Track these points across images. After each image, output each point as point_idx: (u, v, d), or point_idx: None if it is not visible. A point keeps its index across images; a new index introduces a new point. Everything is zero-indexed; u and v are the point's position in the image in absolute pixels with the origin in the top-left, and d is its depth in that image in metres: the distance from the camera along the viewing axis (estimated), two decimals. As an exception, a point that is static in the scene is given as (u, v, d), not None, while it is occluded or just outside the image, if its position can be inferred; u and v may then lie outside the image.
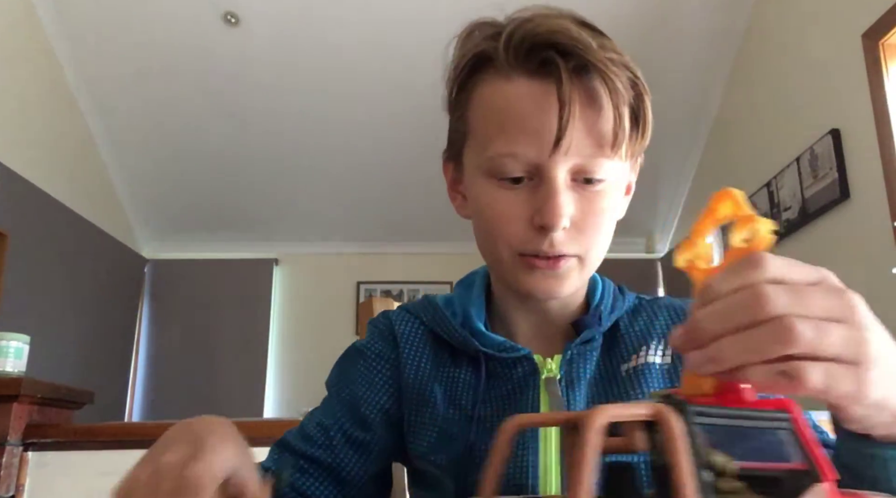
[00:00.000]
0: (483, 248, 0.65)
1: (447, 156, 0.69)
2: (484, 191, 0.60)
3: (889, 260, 2.32)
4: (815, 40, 2.81)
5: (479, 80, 0.61)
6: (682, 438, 0.30)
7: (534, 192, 0.58)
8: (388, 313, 0.75)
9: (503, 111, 0.58)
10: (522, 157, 0.57)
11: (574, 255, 0.60)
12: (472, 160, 0.62)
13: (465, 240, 0.67)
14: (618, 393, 0.65)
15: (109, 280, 3.97)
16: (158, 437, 0.50)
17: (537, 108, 0.56)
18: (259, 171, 4.18)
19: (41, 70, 3.36)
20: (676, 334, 0.36)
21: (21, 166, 3.12)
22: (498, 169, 0.58)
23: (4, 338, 1.66)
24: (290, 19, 3.36)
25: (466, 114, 0.62)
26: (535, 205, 0.57)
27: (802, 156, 2.84)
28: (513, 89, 0.57)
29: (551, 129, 0.55)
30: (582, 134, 0.56)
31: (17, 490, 1.53)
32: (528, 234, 0.58)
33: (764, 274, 0.35)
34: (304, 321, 4.58)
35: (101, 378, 3.76)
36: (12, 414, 1.53)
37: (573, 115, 0.55)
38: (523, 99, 0.57)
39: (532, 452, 0.61)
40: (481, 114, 0.60)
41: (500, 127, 0.58)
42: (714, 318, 0.34)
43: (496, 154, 0.58)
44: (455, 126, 0.65)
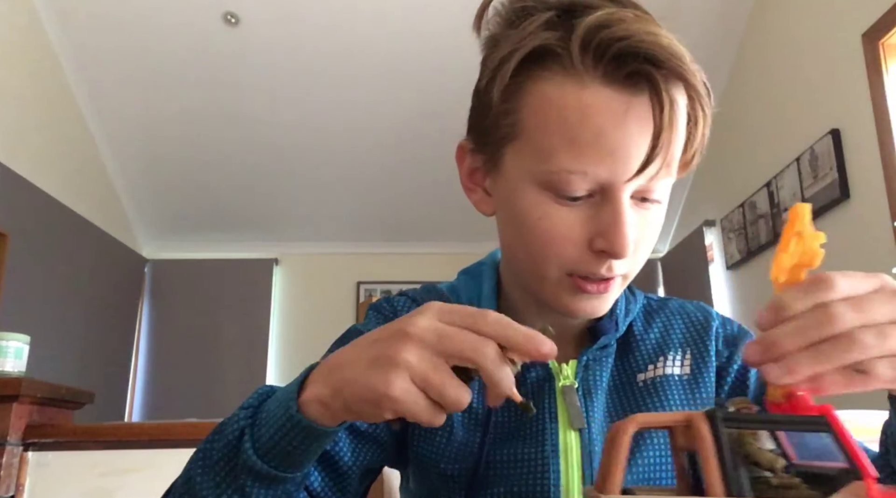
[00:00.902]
0: (520, 257, 0.59)
1: (473, 146, 0.61)
2: (536, 203, 0.54)
3: (889, 260, 2.32)
4: (815, 40, 2.81)
5: (539, 77, 0.52)
6: (710, 443, 0.35)
7: (595, 211, 0.53)
8: (391, 299, 0.70)
9: (576, 122, 0.50)
10: (592, 177, 0.51)
11: (623, 274, 0.57)
12: (522, 165, 0.55)
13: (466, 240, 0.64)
14: (635, 403, 0.62)
15: (109, 280, 3.97)
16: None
17: (618, 124, 0.50)
18: (259, 172, 4.18)
19: (41, 70, 3.36)
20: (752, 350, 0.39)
21: (21, 166, 3.12)
22: (559, 185, 0.52)
23: (4, 338, 1.66)
24: (290, 19, 3.36)
25: (518, 111, 0.54)
26: (597, 227, 0.53)
27: (802, 156, 2.84)
28: (590, 98, 0.50)
29: (630, 149, 0.50)
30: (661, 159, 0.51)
31: (17, 490, 1.53)
32: (585, 257, 0.54)
33: (833, 294, 0.39)
34: (304, 321, 4.58)
35: (101, 378, 3.76)
36: (12, 414, 1.53)
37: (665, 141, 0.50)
38: (602, 112, 0.50)
39: (554, 468, 0.59)
40: (544, 118, 0.52)
41: (570, 139, 0.51)
42: (790, 336, 0.38)
43: (561, 169, 0.51)
44: (496, 120, 0.56)
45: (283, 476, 0.47)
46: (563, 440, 0.60)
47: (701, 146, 0.56)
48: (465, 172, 0.63)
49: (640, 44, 0.49)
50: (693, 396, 0.63)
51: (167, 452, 1.58)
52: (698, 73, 0.52)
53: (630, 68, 0.49)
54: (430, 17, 3.26)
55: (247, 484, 0.47)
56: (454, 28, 3.29)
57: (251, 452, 0.46)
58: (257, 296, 4.53)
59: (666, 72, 0.50)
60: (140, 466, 1.57)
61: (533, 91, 0.53)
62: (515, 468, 0.59)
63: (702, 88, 0.52)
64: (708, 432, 0.36)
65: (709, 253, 3.76)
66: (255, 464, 0.46)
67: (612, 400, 0.63)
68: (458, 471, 0.60)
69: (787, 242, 0.41)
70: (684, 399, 0.63)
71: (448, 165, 0.67)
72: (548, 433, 0.59)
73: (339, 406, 0.44)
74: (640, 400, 0.63)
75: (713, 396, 0.65)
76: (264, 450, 0.46)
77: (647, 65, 0.49)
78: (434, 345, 0.41)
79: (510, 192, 0.57)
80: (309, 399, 0.45)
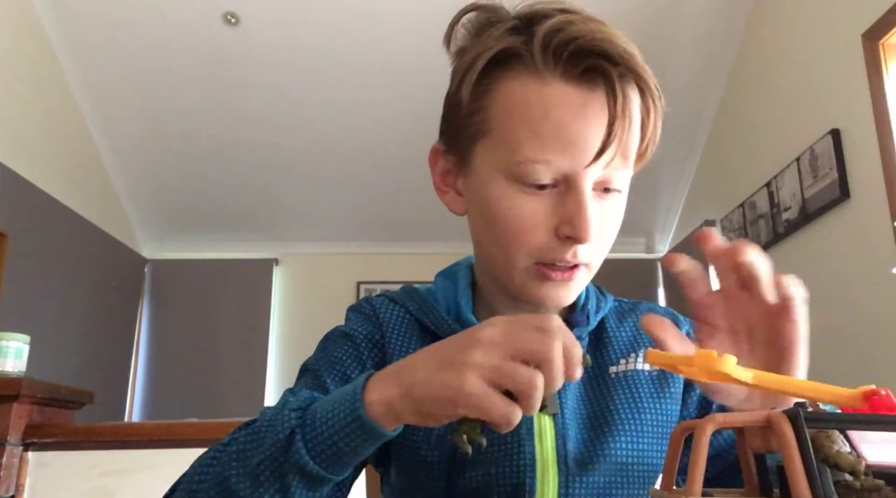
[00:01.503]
0: (490, 250, 0.63)
1: (445, 148, 0.65)
2: (504, 194, 0.58)
3: (889, 260, 2.32)
4: (815, 40, 2.81)
5: (505, 77, 0.57)
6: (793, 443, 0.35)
7: (559, 200, 0.57)
8: (371, 299, 0.73)
9: (538, 116, 0.55)
10: (555, 166, 0.55)
11: (586, 263, 0.60)
12: (491, 160, 0.59)
13: (465, 240, 0.65)
14: (607, 393, 0.66)
15: (109, 280, 3.97)
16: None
17: (576, 116, 0.54)
18: (259, 171, 4.18)
19: (41, 70, 3.36)
20: None
21: (21, 166, 3.12)
22: (525, 174, 0.56)
23: (4, 338, 1.66)
24: (290, 19, 3.36)
25: (486, 109, 0.59)
26: (562, 215, 0.57)
27: (802, 156, 2.84)
28: (550, 94, 0.55)
29: (588, 138, 0.54)
30: (616, 147, 0.56)
31: (17, 490, 1.54)
32: (551, 244, 0.58)
33: None
34: (304, 321, 4.58)
35: (101, 378, 3.76)
36: (12, 414, 1.53)
37: (618, 130, 0.54)
38: (562, 106, 0.55)
39: (529, 449, 0.61)
40: (510, 114, 0.57)
41: (534, 132, 0.55)
42: None
43: (526, 159, 0.56)
44: (466, 120, 0.61)
45: (329, 478, 0.49)
46: (537, 425, 0.62)
47: (653, 138, 0.60)
48: (437, 175, 0.67)
49: (594, 42, 0.54)
50: (661, 393, 0.67)
51: (167, 452, 1.58)
52: (648, 70, 0.56)
53: (585, 65, 0.54)
54: (430, 16, 3.26)
55: (292, 484, 0.48)
56: (454, 28, 3.29)
57: (304, 451, 0.47)
58: (257, 296, 4.53)
59: (619, 67, 0.54)
60: (140, 466, 1.57)
61: (499, 90, 0.58)
62: (492, 452, 0.62)
63: (652, 83, 0.56)
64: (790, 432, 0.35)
65: (709, 253, 3.76)
66: (307, 464, 0.47)
67: (585, 389, 0.66)
68: (437, 457, 0.63)
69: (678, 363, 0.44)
70: (653, 394, 0.67)
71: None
72: (523, 418, 0.61)
73: (407, 407, 0.45)
74: (612, 390, 0.66)
75: (680, 394, 0.69)
76: (318, 450, 0.48)
77: (601, 60, 0.54)
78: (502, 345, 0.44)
79: (480, 187, 0.61)
80: (374, 400, 0.47)
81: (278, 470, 0.48)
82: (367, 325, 0.70)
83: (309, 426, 0.48)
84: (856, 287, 2.52)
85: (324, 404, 0.49)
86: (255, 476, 0.49)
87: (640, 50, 0.57)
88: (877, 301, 2.39)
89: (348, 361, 0.67)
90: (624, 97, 0.54)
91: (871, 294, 2.43)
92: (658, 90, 0.57)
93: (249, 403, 4.27)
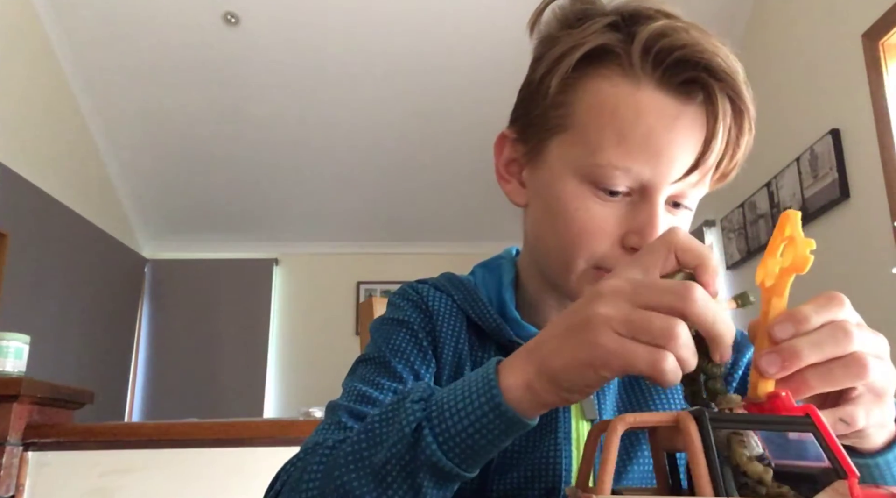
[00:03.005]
0: (549, 246, 0.61)
1: (516, 136, 0.63)
2: (575, 195, 0.56)
3: (889, 260, 2.32)
4: (815, 40, 2.81)
5: (597, 75, 0.55)
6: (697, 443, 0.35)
7: (630, 209, 0.55)
8: (415, 286, 0.69)
9: (628, 121, 0.53)
10: (634, 174, 0.53)
11: None
12: (567, 157, 0.57)
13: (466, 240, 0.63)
14: (643, 399, 0.64)
15: (109, 280, 3.97)
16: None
17: (667, 127, 0.53)
18: (259, 171, 4.18)
19: (41, 70, 3.36)
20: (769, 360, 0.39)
21: (21, 166, 3.13)
22: (602, 179, 0.54)
23: (4, 338, 1.66)
24: (289, 19, 3.36)
25: (569, 105, 0.56)
26: (631, 224, 0.55)
27: (802, 156, 2.84)
28: (644, 100, 0.53)
29: (675, 152, 0.53)
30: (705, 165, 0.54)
31: (17, 490, 1.54)
32: (614, 252, 0.56)
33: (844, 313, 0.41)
34: (304, 321, 4.58)
35: (101, 378, 3.76)
36: (12, 414, 1.53)
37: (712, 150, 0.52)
38: (654, 114, 0.53)
39: (566, 455, 0.59)
40: (596, 114, 0.55)
41: (620, 136, 0.53)
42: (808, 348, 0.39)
43: (608, 163, 0.54)
44: (546, 111, 0.58)
45: (463, 475, 0.45)
46: (575, 429, 0.60)
47: (740, 160, 0.57)
48: (502, 162, 0.65)
49: (700, 54, 0.52)
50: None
51: (167, 452, 1.58)
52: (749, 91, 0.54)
53: (686, 76, 0.52)
54: (430, 16, 3.26)
55: (424, 482, 0.44)
56: (455, 28, 3.29)
57: (435, 446, 0.44)
58: (257, 296, 4.53)
59: (722, 83, 0.52)
60: (140, 466, 1.57)
61: (589, 87, 0.55)
62: (530, 454, 0.60)
63: (751, 105, 0.54)
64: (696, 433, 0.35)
65: (709, 253, 3.76)
66: (440, 460, 0.44)
67: (623, 395, 0.64)
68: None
69: (775, 247, 0.41)
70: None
71: (448, 166, 0.68)
72: (560, 422, 0.60)
73: (545, 384, 0.42)
74: (647, 397, 0.64)
75: None
76: (450, 444, 0.44)
77: (705, 74, 0.52)
78: (630, 294, 0.40)
79: (550, 183, 0.59)
80: (511, 385, 0.43)
81: (406, 468, 0.45)
82: (418, 312, 0.66)
83: (437, 418, 0.44)
84: (856, 287, 2.52)
85: (450, 394, 0.45)
86: (380, 478, 0.45)
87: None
88: (877, 301, 2.39)
89: (409, 348, 0.63)
90: (724, 116, 0.53)
91: (871, 294, 2.43)
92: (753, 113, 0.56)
93: (249, 403, 4.27)
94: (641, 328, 0.38)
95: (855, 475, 0.35)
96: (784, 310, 0.40)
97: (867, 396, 0.41)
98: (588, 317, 0.40)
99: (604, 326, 0.39)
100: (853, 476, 0.35)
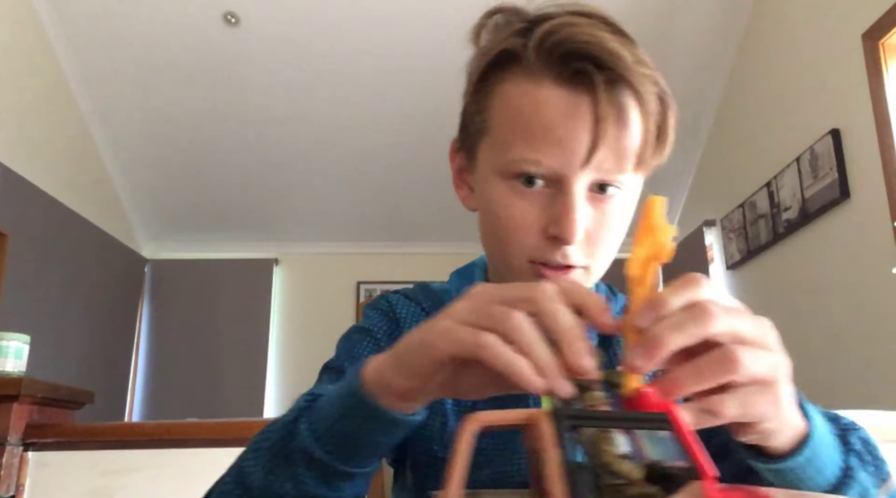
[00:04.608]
0: (491, 247, 0.64)
1: (458, 145, 0.67)
2: (499, 193, 0.59)
3: (889, 260, 2.32)
4: (815, 40, 2.81)
5: (504, 78, 0.59)
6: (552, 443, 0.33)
7: (550, 200, 0.57)
8: (387, 296, 0.73)
9: (530, 117, 0.56)
10: (545, 166, 0.56)
11: (583, 266, 0.59)
12: (489, 159, 0.61)
13: (465, 240, 0.65)
14: None
15: (109, 280, 3.97)
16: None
17: (566, 118, 0.55)
18: (259, 171, 4.18)
19: (41, 70, 3.36)
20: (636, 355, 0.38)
21: (21, 166, 3.13)
22: (516, 174, 0.57)
23: (4, 338, 1.66)
24: (290, 19, 3.36)
25: (487, 110, 0.60)
26: (551, 215, 0.57)
27: (802, 156, 2.84)
28: (542, 95, 0.56)
29: (578, 141, 0.54)
30: (608, 149, 0.55)
31: (17, 490, 1.54)
32: (541, 243, 0.58)
33: (706, 293, 0.39)
34: (304, 321, 4.58)
35: (101, 378, 3.76)
36: (12, 414, 1.53)
37: (604, 131, 0.54)
38: (552, 107, 0.55)
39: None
40: (505, 114, 0.58)
41: (526, 132, 0.56)
42: (669, 331, 0.38)
43: (518, 159, 0.57)
44: (472, 118, 0.62)
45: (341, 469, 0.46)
46: None
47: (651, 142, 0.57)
48: (455, 170, 0.69)
49: (583, 45, 0.54)
50: None
51: (167, 452, 1.58)
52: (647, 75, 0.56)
53: (574, 67, 0.55)
54: (430, 16, 3.26)
55: (299, 471, 0.46)
56: (454, 28, 3.29)
57: (307, 432, 0.46)
58: (257, 296, 4.53)
59: (607, 71, 0.54)
60: (140, 466, 1.57)
61: (499, 91, 0.59)
62: (501, 452, 0.61)
63: (644, 87, 0.55)
64: (550, 432, 0.33)
65: (709, 253, 3.76)
66: (310, 446, 0.45)
67: None
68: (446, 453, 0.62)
69: (640, 236, 0.40)
70: None
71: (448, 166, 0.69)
72: None
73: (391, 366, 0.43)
74: None
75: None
76: (320, 432, 0.46)
77: (587, 63, 0.54)
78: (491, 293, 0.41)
79: (482, 186, 0.62)
80: (369, 370, 0.45)
81: (287, 457, 0.47)
82: (385, 321, 0.70)
83: (314, 409, 0.47)
84: (856, 287, 2.52)
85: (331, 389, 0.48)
86: (266, 466, 0.47)
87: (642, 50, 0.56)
88: (877, 301, 2.39)
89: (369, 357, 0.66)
90: (609, 101, 0.54)
91: (871, 294, 2.43)
92: (658, 94, 0.57)
93: (249, 403, 4.27)
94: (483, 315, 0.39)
95: (711, 475, 0.33)
96: None
97: (749, 387, 0.39)
98: (445, 311, 0.41)
99: (451, 317, 0.40)
100: (709, 476, 0.33)
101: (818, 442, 0.46)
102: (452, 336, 0.39)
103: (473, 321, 0.39)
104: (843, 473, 0.48)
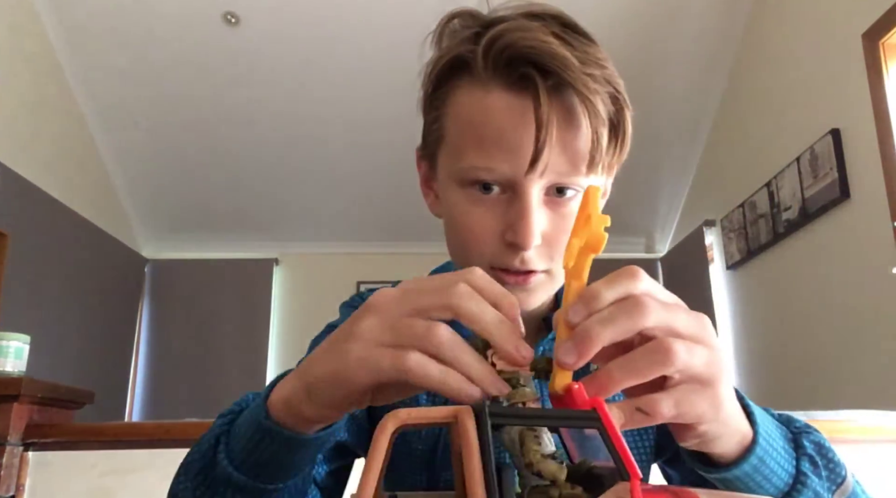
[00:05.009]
0: (455, 254, 0.63)
1: (421, 153, 0.67)
2: (457, 200, 0.59)
3: (889, 260, 2.32)
4: (816, 40, 2.81)
5: (456, 86, 0.58)
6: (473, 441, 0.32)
7: (506, 206, 0.56)
8: (362, 294, 0.73)
9: (480, 124, 0.56)
10: (498, 173, 0.55)
11: (544, 270, 0.58)
12: (446, 167, 0.61)
13: None
14: None
15: (109, 280, 3.97)
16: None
17: (514, 124, 0.54)
18: (259, 171, 4.18)
19: (41, 70, 3.36)
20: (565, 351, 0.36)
21: (21, 166, 3.12)
22: (471, 181, 0.57)
23: (4, 338, 1.66)
24: (290, 19, 3.36)
25: (442, 118, 0.60)
26: (508, 221, 0.56)
27: (802, 156, 2.84)
28: (491, 102, 0.55)
29: (528, 146, 0.54)
30: (558, 153, 0.54)
31: (17, 490, 1.54)
32: (500, 249, 0.57)
33: (640, 286, 0.37)
34: (304, 321, 4.58)
35: (101, 378, 3.76)
36: (12, 414, 1.53)
37: (550, 135, 0.53)
38: (501, 113, 0.55)
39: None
40: (457, 122, 0.58)
41: (477, 140, 0.56)
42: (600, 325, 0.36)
43: (471, 166, 0.56)
44: (430, 127, 0.62)
45: (263, 487, 0.45)
46: None
47: (600, 145, 0.55)
48: (421, 178, 0.69)
49: (527, 50, 0.53)
50: None
51: (167, 452, 1.58)
52: (595, 76, 0.54)
53: (520, 73, 0.54)
54: (430, 16, 3.26)
55: (228, 494, 0.46)
56: (454, 28, 3.29)
57: (226, 462, 0.45)
58: (257, 296, 4.53)
59: (550, 75, 0.53)
60: (140, 466, 1.57)
61: (451, 98, 0.59)
62: None
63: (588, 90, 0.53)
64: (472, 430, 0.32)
65: (709, 253, 3.76)
66: (232, 475, 0.45)
67: None
68: (420, 452, 0.63)
69: (577, 227, 0.39)
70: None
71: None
72: None
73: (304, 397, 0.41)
74: None
75: None
76: (239, 460, 0.45)
77: (530, 68, 0.53)
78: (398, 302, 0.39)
79: (442, 193, 0.62)
80: (275, 400, 0.44)
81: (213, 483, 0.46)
82: None
83: (232, 435, 0.46)
84: (856, 287, 2.52)
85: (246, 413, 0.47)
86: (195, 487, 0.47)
87: (641, 50, 0.56)
88: (877, 301, 2.39)
89: None
90: (550, 104, 0.53)
91: (871, 294, 2.43)
92: (611, 93, 0.55)
93: (249, 403, 4.27)
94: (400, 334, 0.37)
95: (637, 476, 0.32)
96: None
97: (686, 384, 0.37)
98: (352, 331, 0.39)
99: (363, 338, 0.38)
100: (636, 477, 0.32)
101: (765, 448, 0.44)
102: (371, 365, 0.37)
103: (390, 341, 0.37)
104: (794, 480, 0.46)
